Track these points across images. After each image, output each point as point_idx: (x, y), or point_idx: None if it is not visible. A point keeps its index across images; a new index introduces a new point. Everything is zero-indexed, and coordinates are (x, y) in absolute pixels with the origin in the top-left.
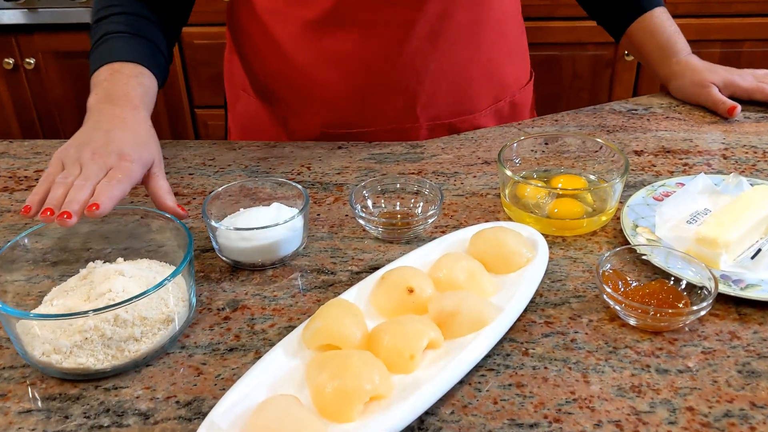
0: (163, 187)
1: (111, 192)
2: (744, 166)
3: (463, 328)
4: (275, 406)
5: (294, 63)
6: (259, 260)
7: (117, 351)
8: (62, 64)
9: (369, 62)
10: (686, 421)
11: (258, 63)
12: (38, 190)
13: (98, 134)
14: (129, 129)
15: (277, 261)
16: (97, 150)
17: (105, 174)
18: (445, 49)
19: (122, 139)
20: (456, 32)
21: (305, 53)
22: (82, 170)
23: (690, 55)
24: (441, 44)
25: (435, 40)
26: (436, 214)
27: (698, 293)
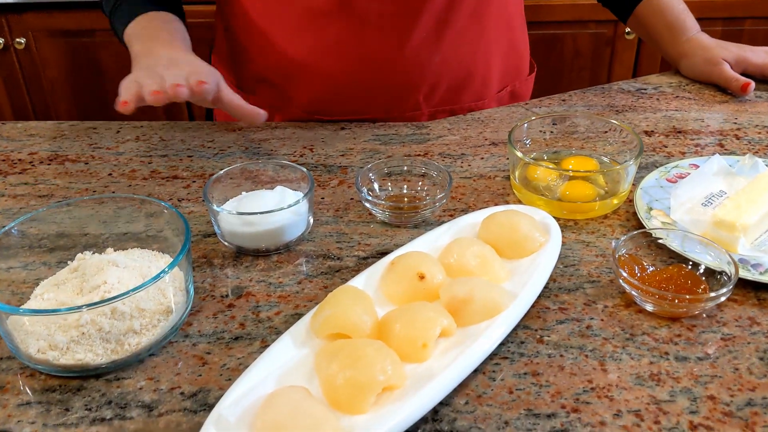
0: (237, 97)
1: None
2: (758, 147)
3: (476, 316)
4: (285, 398)
5: (291, 51)
6: (263, 246)
7: (117, 345)
8: (54, 43)
9: (371, 54)
10: (708, 410)
11: (251, 51)
12: (124, 93)
13: (162, 59)
14: (186, 52)
15: (281, 246)
16: (167, 65)
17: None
18: (450, 41)
19: (186, 57)
20: (462, 24)
21: (304, 42)
22: (163, 77)
23: (699, 33)
24: (446, 37)
25: (441, 32)
26: (446, 197)
27: (717, 278)
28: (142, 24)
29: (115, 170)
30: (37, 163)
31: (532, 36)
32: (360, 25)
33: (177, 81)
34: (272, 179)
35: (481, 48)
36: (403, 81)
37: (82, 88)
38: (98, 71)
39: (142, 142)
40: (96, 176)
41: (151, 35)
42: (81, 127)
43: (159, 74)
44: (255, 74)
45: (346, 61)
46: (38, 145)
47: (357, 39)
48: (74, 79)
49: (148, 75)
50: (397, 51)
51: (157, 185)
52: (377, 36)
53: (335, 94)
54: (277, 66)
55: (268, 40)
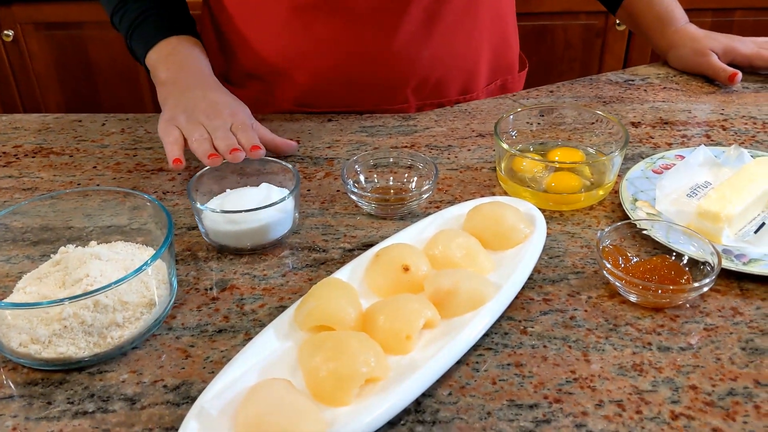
0: (268, 131)
1: (254, 138)
2: (744, 138)
3: (460, 307)
4: (267, 390)
5: (279, 47)
6: (248, 244)
7: (99, 338)
8: (43, 36)
9: (359, 49)
10: (689, 399)
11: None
12: (173, 148)
13: (197, 98)
14: (219, 90)
15: (267, 245)
16: (207, 111)
17: (229, 127)
18: (440, 36)
19: (222, 99)
20: (452, 19)
21: (292, 38)
22: (206, 128)
23: (688, 24)
24: (436, 32)
25: (430, 27)
26: (431, 189)
27: (700, 269)
28: (167, 50)
29: (100, 163)
30: (21, 156)
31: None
32: (347, 21)
33: (224, 135)
34: (258, 171)
35: (471, 44)
36: (392, 76)
37: (70, 81)
38: (87, 64)
39: (128, 134)
40: (81, 169)
41: (178, 63)
42: (66, 120)
43: (201, 124)
44: (243, 69)
45: (333, 56)
46: (23, 138)
47: (344, 34)
48: (63, 71)
49: (190, 123)
50: (385, 46)
51: (142, 178)
52: (365, 31)
53: (323, 89)
54: (264, 62)
55: (255, 36)
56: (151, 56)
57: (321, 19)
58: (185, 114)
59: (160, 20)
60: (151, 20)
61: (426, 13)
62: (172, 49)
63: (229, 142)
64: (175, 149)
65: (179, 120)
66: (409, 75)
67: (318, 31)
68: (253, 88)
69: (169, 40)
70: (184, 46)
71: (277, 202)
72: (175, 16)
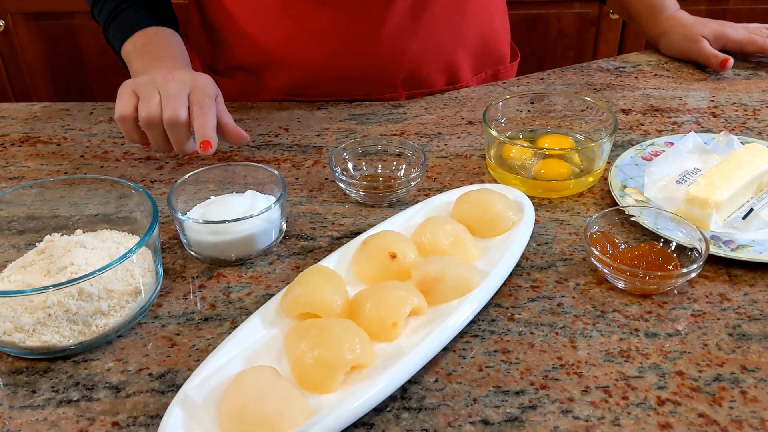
0: (228, 115)
1: (210, 120)
2: (734, 124)
3: (447, 294)
4: (253, 377)
5: (267, 40)
6: (233, 255)
7: (84, 326)
8: (33, 25)
9: (347, 42)
10: (676, 385)
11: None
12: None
13: (162, 71)
14: (189, 70)
15: (253, 255)
16: (169, 77)
17: (187, 93)
18: (428, 28)
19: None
20: (440, 11)
21: (279, 30)
22: (161, 94)
23: (679, 11)
24: (424, 24)
25: (418, 19)
26: (420, 176)
27: (688, 255)
28: (142, 41)
29: (88, 152)
30: (8, 145)
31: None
32: (334, 13)
33: (173, 104)
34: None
35: (459, 35)
36: (381, 68)
37: (61, 71)
38: (77, 53)
39: (115, 123)
40: (68, 158)
41: (152, 54)
42: (54, 109)
43: (157, 88)
44: (231, 60)
45: (321, 49)
46: (10, 127)
47: (332, 27)
48: (53, 61)
49: (146, 86)
50: (372, 38)
51: (129, 167)
52: (352, 23)
53: (312, 81)
54: (252, 54)
55: (242, 29)
56: (127, 47)
57: (308, 11)
58: (144, 78)
59: (137, 11)
60: (129, 11)
61: (413, 5)
62: (147, 40)
63: (175, 113)
64: (126, 103)
65: (138, 83)
66: (397, 67)
67: (305, 23)
68: (240, 78)
69: (145, 31)
70: (161, 38)
71: (263, 211)
72: (154, 9)
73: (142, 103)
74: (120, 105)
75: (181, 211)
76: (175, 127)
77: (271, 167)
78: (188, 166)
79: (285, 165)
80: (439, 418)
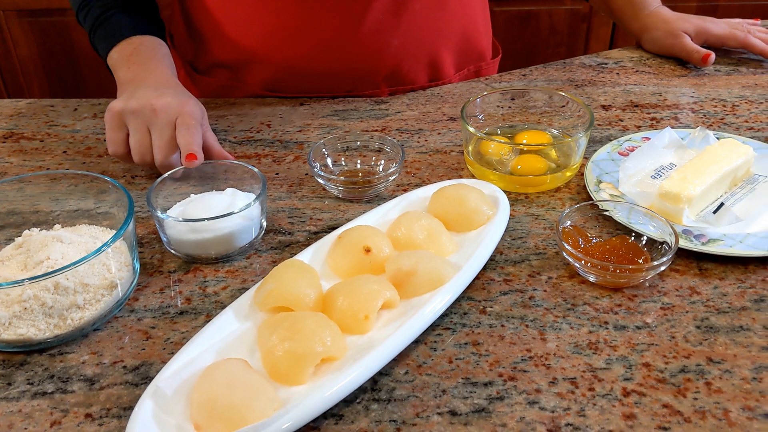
0: (213, 137)
1: (195, 139)
2: (712, 120)
3: (420, 288)
4: (222, 370)
5: (247, 37)
6: (212, 253)
7: (59, 320)
8: (26, 22)
9: (327, 38)
10: (642, 377)
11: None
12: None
13: (149, 93)
14: (176, 89)
15: (233, 253)
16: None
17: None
18: (408, 24)
19: (175, 98)
20: (420, 7)
21: (260, 28)
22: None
23: (660, 7)
24: (404, 20)
25: (398, 15)
26: (397, 172)
27: (659, 249)
28: (128, 50)
29: (71, 148)
30: None
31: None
32: (314, 9)
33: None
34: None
35: (441, 31)
36: (362, 64)
37: (54, 67)
38: (70, 49)
39: (100, 119)
40: (51, 154)
41: (139, 63)
42: (38, 105)
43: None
44: (212, 57)
45: (302, 45)
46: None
47: (312, 23)
48: (47, 57)
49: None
50: (352, 34)
51: (111, 162)
52: (332, 20)
53: (293, 78)
54: (233, 51)
55: (223, 26)
56: (113, 55)
57: (289, 8)
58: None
59: (123, 18)
60: (114, 19)
61: (393, 1)
62: (134, 50)
63: (167, 160)
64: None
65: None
66: (379, 63)
67: (286, 20)
68: (222, 76)
69: (131, 39)
70: (147, 47)
71: (243, 208)
72: (139, 17)
73: (134, 144)
74: (112, 142)
75: (161, 209)
76: (168, 167)
77: (251, 165)
78: None
79: (266, 160)
80: (408, 409)
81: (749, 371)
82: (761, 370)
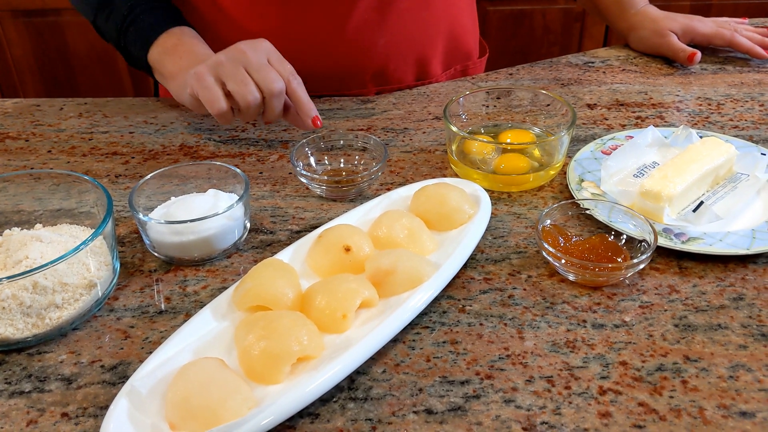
0: None
1: (305, 95)
2: (697, 119)
3: (398, 287)
4: (198, 369)
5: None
6: (196, 255)
7: (38, 319)
8: (21, 22)
9: (313, 38)
10: (618, 375)
11: None
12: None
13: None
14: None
15: (216, 255)
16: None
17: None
18: (394, 23)
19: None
20: (406, 6)
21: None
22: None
23: (647, 5)
24: (390, 20)
25: (384, 15)
26: (380, 171)
27: (638, 247)
28: (172, 42)
29: (55, 147)
30: None
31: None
32: (299, 10)
33: (272, 74)
34: (206, 177)
35: (427, 31)
36: (348, 64)
37: (49, 67)
38: (65, 50)
39: (85, 118)
40: (35, 153)
41: (187, 53)
42: (24, 105)
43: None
44: None
45: (287, 46)
46: None
47: (297, 23)
48: (41, 58)
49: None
50: (338, 34)
51: (95, 161)
52: (317, 20)
53: None
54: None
55: (210, 27)
56: (153, 52)
57: (274, 9)
58: (218, 58)
59: (153, 15)
60: (144, 16)
61: (379, 1)
62: (177, 40)
63: (276, 86)
64: (217, 95)
65: (215, 65)
66: (365, 63)
67: (271, 21)
68: None
69: (170, 32)
70: (189, 36)
71: (225, 210)
72: (169, 10)
73: (236, 88)
74: (214, 101)
75: (144, 209)
76: (278, 97)
77: (233, 165)
78: (153, 161)
79: (250, 159)
80: (384, 408)
81: (726, 369)
82: (737, 369)
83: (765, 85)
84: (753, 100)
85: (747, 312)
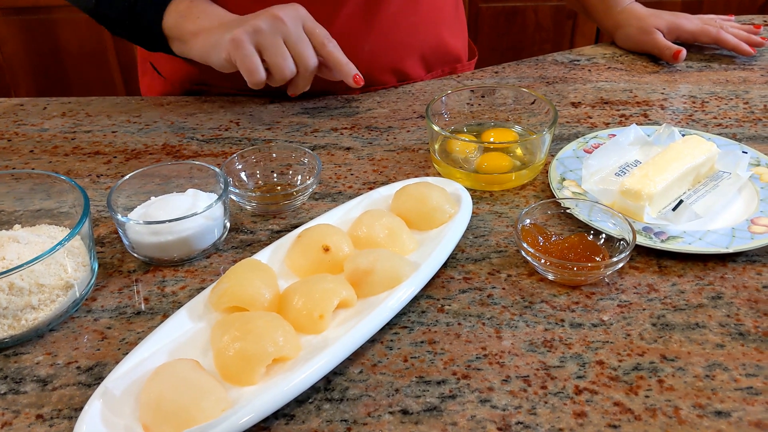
0: None
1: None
2: (681, 117)
3: (377, 287)
4: (172, 370)
5: None
6: (175, 256)
7: (14, 320)
8: (12, 20)
9: None
10: (595, 375)
11: None
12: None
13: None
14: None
15: (196, 255)
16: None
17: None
18: (380, 30)
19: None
20: (393, 11)
21: None
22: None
23: (633, 3)
24: (376, 25)
25: (370, 21)
26: (314, 184)
27: (618, 246)
28: (185, 5)
29: (38, 147)
30: None
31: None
32: None
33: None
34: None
35: (414, 36)
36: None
37: (40, 65)
38: (56, 48)
39: (68, 118)
40: (18, 153)
41: (204, 10)
42: (8, 104)
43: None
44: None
45: None
46: None
47: None
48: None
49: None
50: None
51: (77, 161)
52: None
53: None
54: None
55: None
56: (169, 19)
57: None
58: (254, 24)
59: None
60: None
61: (364, 7)
62: (189, 2)
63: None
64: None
65: (251, 32)
66: None
67: None
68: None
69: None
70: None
71: (204, 210)
72: None
73: (274, 61)
74: (253, 72)
75: (123, 209)
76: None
77: (215, 165)
78: (136, 161)
79: None
80: (360, 409)
81: (702, 369)
82: (714, 368)
83: (750, 83)
84: (738, 98)
85: (725, 311)
